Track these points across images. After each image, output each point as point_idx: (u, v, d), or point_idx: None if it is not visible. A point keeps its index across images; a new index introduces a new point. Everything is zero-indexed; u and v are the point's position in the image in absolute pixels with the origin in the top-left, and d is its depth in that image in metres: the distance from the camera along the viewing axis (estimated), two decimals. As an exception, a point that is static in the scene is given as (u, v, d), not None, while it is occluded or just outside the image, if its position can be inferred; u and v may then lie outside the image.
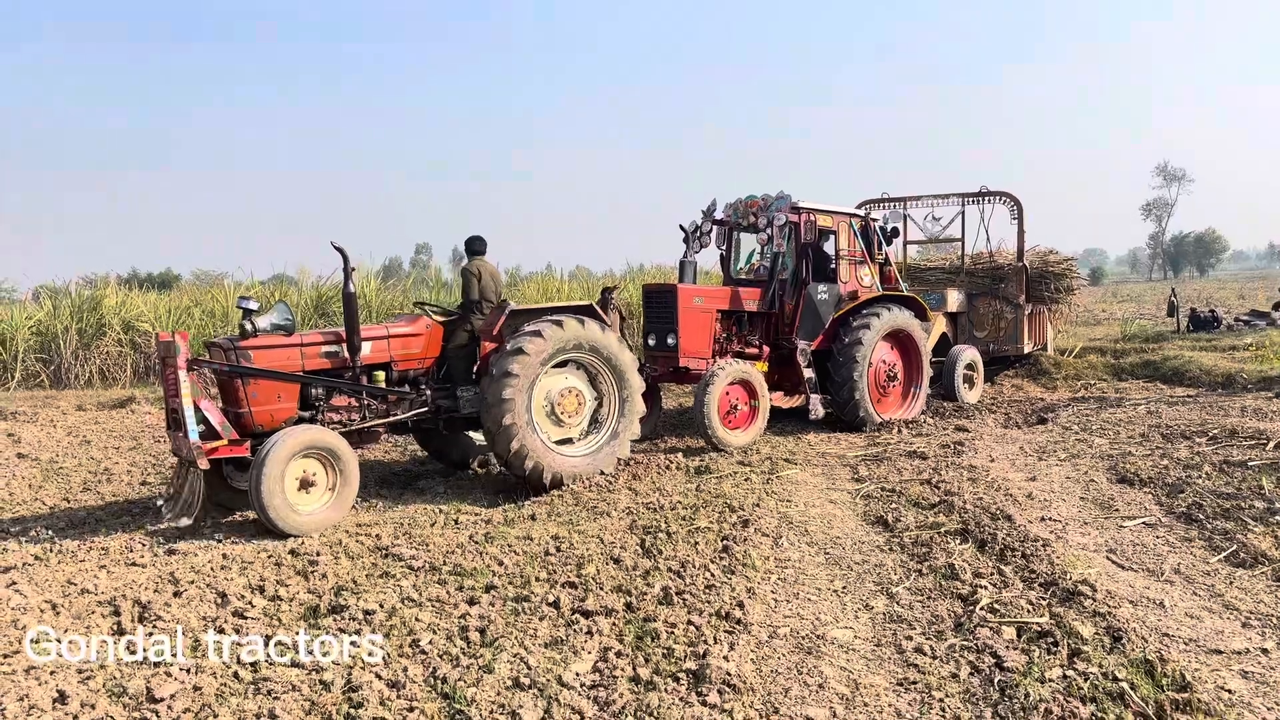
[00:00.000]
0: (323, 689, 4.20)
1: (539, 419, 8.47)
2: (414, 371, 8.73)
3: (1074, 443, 9.61)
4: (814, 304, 11.51)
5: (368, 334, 8.36)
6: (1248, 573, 5.40)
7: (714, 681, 4.07)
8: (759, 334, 11.75)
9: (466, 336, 8.95)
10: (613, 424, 9.01)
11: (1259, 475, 7.42)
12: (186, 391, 7.21)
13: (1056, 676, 4.02)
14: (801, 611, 5.10)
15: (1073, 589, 5.06)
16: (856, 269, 12.02)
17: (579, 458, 8.73)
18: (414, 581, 5.72)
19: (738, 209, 12.08)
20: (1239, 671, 4.11)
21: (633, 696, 4.01)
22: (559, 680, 4.17)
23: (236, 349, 7.67)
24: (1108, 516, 6.79)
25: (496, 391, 8.10)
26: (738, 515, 6.98)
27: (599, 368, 8.88)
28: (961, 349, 13.66)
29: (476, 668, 4.36)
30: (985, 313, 15.34)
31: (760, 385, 10.55)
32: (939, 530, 6.45)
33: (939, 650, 4.46)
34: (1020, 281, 15.04)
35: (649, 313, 11.54)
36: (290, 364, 7.91)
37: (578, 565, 5.93)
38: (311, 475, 7.37)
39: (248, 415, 7.65)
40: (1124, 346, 17.95)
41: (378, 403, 8.40)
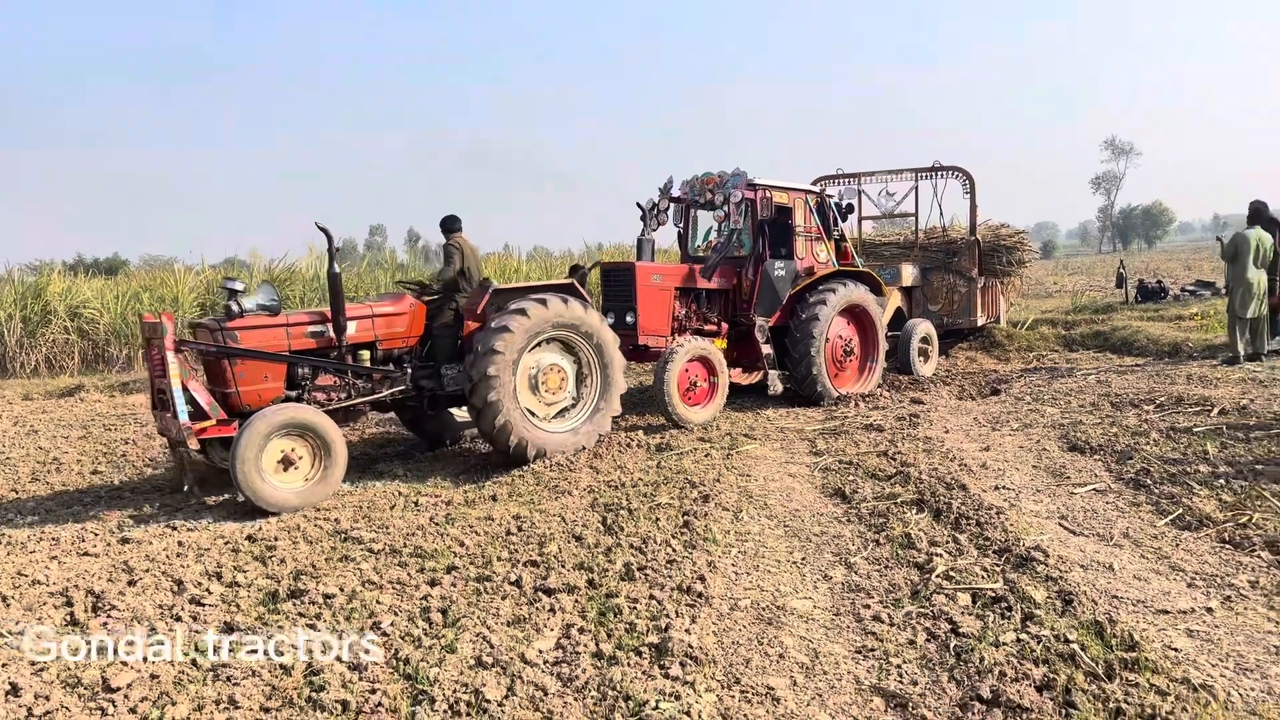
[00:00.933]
0: (283, 673, 4.18)
1: (523, 395, 8.57)
2: (398, 350, 8.78)
3: (1026, 412, 9.78)
4: (771, 280, 11.56)
5: (353, 313, 8.39)
6: (1192, 535, 5.54)
7: (676, 654, 4.10)
8: (717, 311, 11.78)
9: (451, 315, 8.98)
10: (595, 400, 9.09)
11: (1203, 440, 7.61)
12: (175, 372, 7.22)
13: (1010, 640, 4.10)
14: (762, 583, 5.15)
15: (1025, 555, 5.17)
16: (813, 245, 12.07)
17: (562, 433, 8.82)
18: (374, 564, 5.70)
19: (694, 186, 12.07)
20: (1185, 630, 4.22)
21: (595, 671, 4.04)
22: (522, 658, 4.18)
23: (223, 329, 7.67)
24: (1059, 484, 6.92)
25: (481, 368, 8.17)
26: (698, 491, 7.02)
27: (581, 345, 8.97)
28: (916, 323, 13.79)
29: (439, 648, 4.36)
30: (939, 286, 15.51)
31: (719, 362, 10.59)
32: (895, 501, 6.54)
33: (896, 618, 4.53)
34: (973, 255, 15.20)
35: (607, 291, 11.52)
36: (276, 344, 7.92)
37: (539, 544, 5.94)
38: (294, 453, 7.38)
39: (235, 395, 7.67)
40: (1074, 318, 18.27)
41: (363, 381, 8.47)
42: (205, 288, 22.41)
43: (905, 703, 3.68)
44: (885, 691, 3.79)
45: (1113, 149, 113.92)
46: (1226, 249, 11.90)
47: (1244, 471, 6.64)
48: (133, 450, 10.55)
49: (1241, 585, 4.71)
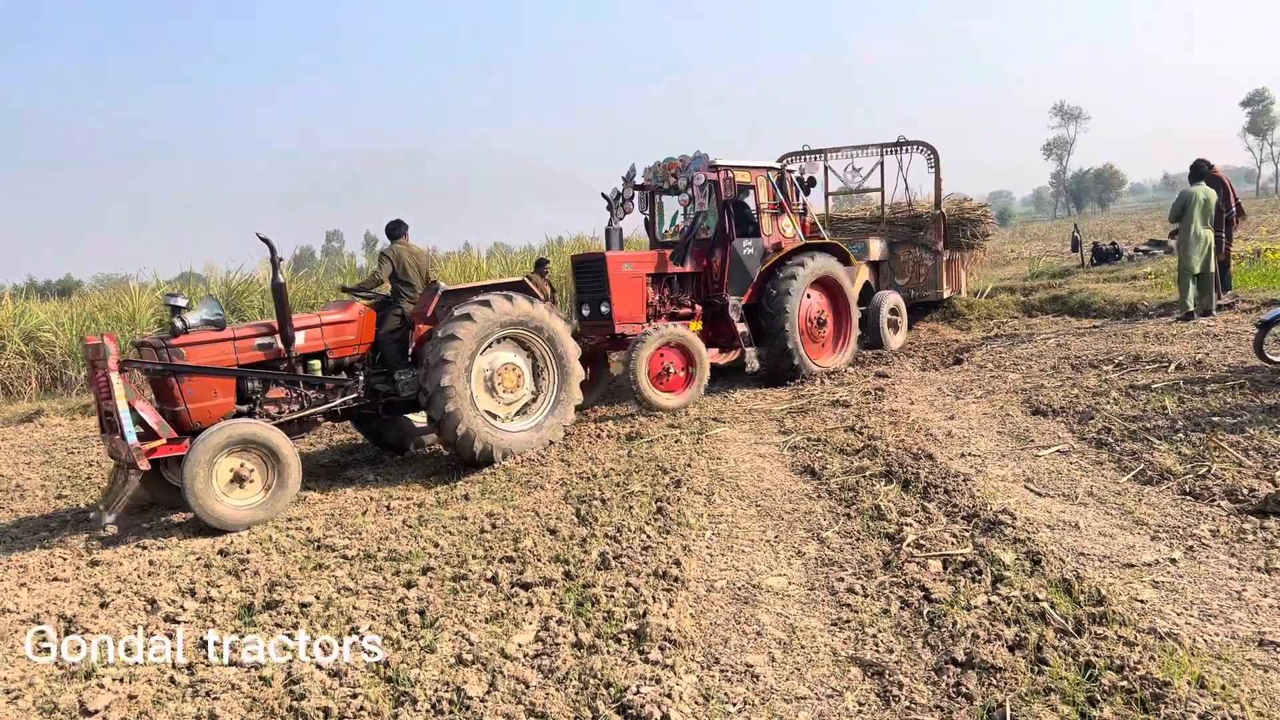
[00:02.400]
0: (263, 685, 4.16)
1: (481, 399, 8.53)
2: (349, 358, 8.72)
3: (989, 380, 9.90)
4: (740, 259, 11.63)
5: (300, 323, 8.31)
6: (1154, 489, 5.66)
7: (655, 639, 4.14)
8: (690, 294, 11.83)
9: (398, 320, 8.94)
10: (554, 394, 9.09)
11: (1162, 397, 7.75)
12: (120, 394, 7.10)
13: (982, 603, 4.18)
14: (736, 564, 5.20)
15: (993, 519, 5.25)
16: (778, 221, 12.15)
17: (525, 431, 8.80)
18: (349, 570, 5.68)
19: (657, 172, 12.10)
20: (1150, 582, 4.31)
21: (576, 661, 4.06)
22: (502, 653, 4.20)
23: (168, 347, 7.56)
24: (1024, 448, 7.03)
25: (435, 379, 8.13)
26: (670, 476, 7.06)
27: (533, 340, 8.95)
28: (884, 294, 13.89)
29: (419, 649, 4.36)
30: (905, 260, 15.65)
31: (695, 347, 10.59)
32: (864, 474, 6.61)
33: (870, 588, 4.59)
34: (938, 229, 15.36)
35: (580, 283, 11.51)
36: (224, 359, 7.84)
37: (514, 540, 5.95)
38: (246, 470, 7.29)
39: (184, 413, 7.57)
40: (1032, 284, 18.50)
41: (315, 392, 8.39)
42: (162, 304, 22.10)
43: (882, 670, 3.73)
44: (862, 661, 3.85)
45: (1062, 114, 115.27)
46: (1174, 207, 12.10)
47: (1202, 424, 6.78)
48: (97, 473, 10.41)
49: (1203, 535, 4.82)
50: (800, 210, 12.61)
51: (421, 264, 9.25)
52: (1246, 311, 11.76)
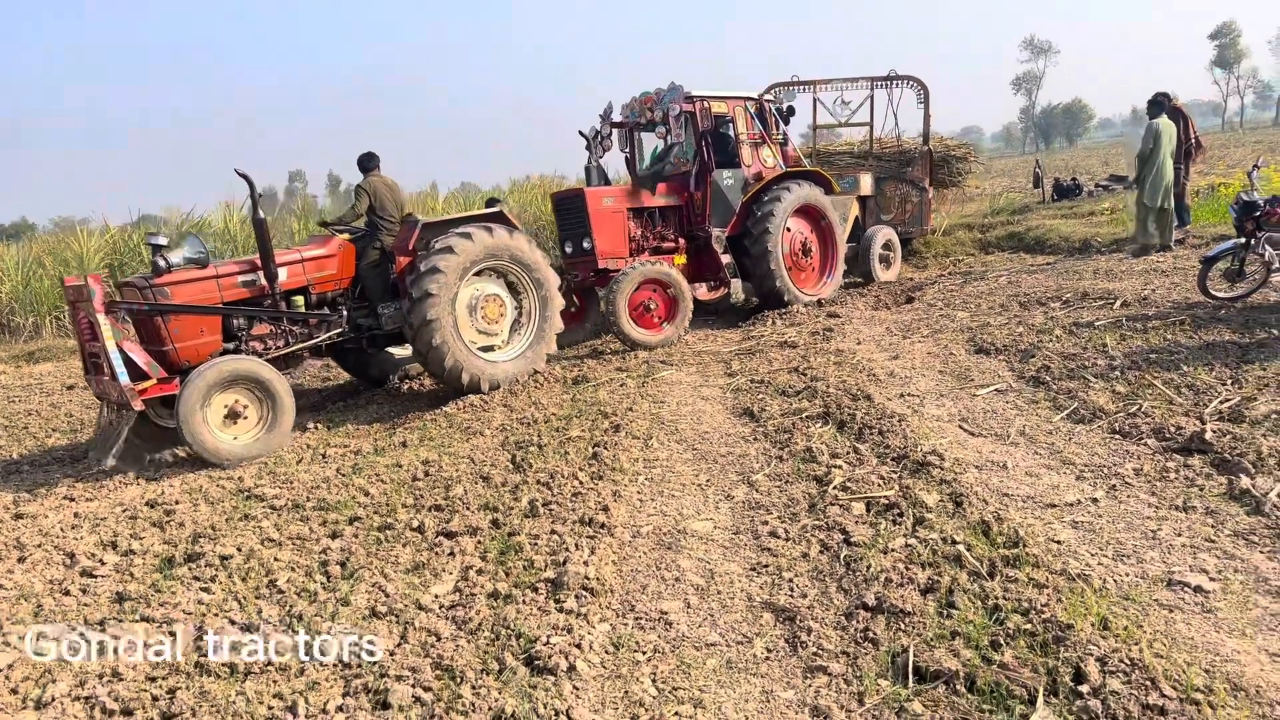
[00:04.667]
0: (170, 640, 4.07)
1: (465, 330, 8.58)
2: (332, 293, 8.76)
3: (937, 318, 9.88)
4: (721, 190, 11.52)
5: (282, 259, 8.31)
6: (1086, 428, 5.65)
7: (572, 587, 4.09)
8: (674, 228, 11.70)
9: (378, 254, 8.93)
10: (536, 323, 9.18)
11: (1103, 334, 7.75)
12: (108, 335, 7.06)
13: (899, 546, 4.15)
14: (665, 509, 5.15)
15: (922, 460, 5.23)
16: (758, 151, 12.02)
17: (510, 361, 8.91)
18: (275, 521, 5.59)
19: (634, 108, 11.95)
20: (1070, 523, 4.31)
21: (490, 612, 4.00)
22: (417, 604, 4.14)
23: (152, 287, 7.54)
24: (963, 387, 7.01)
25: (420, 313, 8.20)
26: (610, 421, 6.99)
27: (514, 271, 9.01)
28: (878, 229, 13.82)
29: (334, 602, 4.29)
30: (891, 196, 15.53)
31: (676, 282, 10.48)
32: (801, 416, 6.57)
33: (792, 532, 4.56)
34: (926, 165, 15.23)
35: (561, 220, 11.42)
36: (209, 297, 7.85)
37: (446, 487, 5.87)
38: (239, 405, 7.35)
39: (172, 352, 7.60)
40: (991, 220, 18.44)
41: (299, 327, 8.42)
42: (111, 248, 21.59)
43: (794, 615, 3.70)
44: (775, 606, 3.82)
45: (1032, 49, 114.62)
46: (1144, 141, 11.91)
47: (1139, 362, 6.78)
48: (35, 422, 10.21)
49: (1127, 474, 4.82)
50: (781, 140, 12.46)
51: (398, 196, 9.20)
52: (1196, 247, 11.77)
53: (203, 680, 3.68)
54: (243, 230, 21.30)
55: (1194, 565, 3.73)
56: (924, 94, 14.94)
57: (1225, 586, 3.55)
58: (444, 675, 3.49)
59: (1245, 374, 6.13)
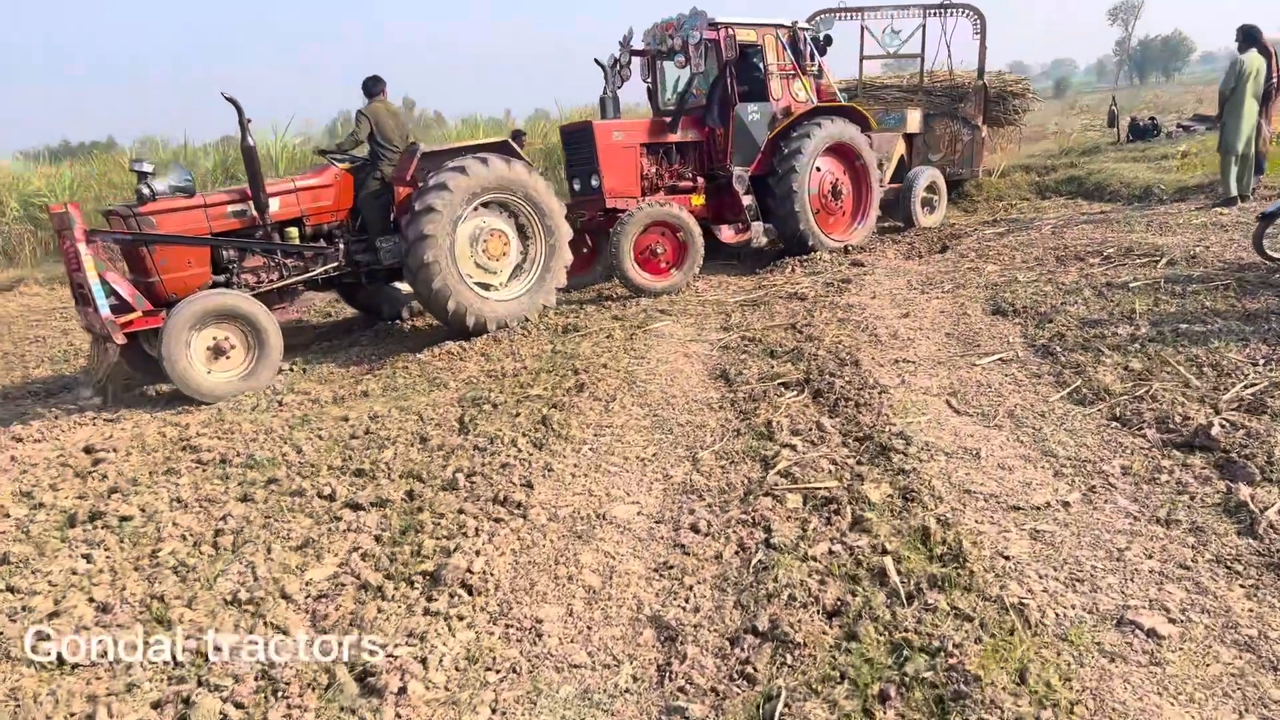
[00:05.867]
0: (24, 614, 3.75)
1: (463, 260, 8.18)
2: (328, 225, 8.43)
3: (965, 271, 9.11)
4: (745, 126, 10.78)
5: (274, 189, 8.01)
6: (1083, 410, 4.99)
7: (449, 584, 3.65)
8: (692, 165, 11.01)
9: (378, 184, 8.55)
10: (539, 272, 8.73)
11: (1135, 297, 6.97)
12: (90, 265, 6.87)
13: (821, 553, 3.62)
14: (594, 487, 4.67)
15: (886, 444, 4.66)
16: (789, 84, 11.17)
17: (505, 303, 8.48)
18: (194, 478, 5.27)
19: (655, 35, 11.18)
20: (1029, 532, 3.71)
21: (354, 606, 3.60)
22: (282, 592, 3.75)
23: (136, 216, 7.29)
24: (965, 354, 6.35)
25: (418, 228, 7.82)
26: (576, 379, 6.50)
27: (524, 208, 8.57)
28: (921, 170, 12.85)
29: (204, 580, 3.93)
30: (941, 134, 14.47)
31: (686, 223, 9.86)
32: (778, 381, 6.00)
33: (715, 526, 4.05)
34: (979, 102, 14.15)
35: (569, 156, 10.78)
36: (196, 227, 7.57)
37: (380, 448, 5.48)
38: (226, 341, 7.15)
39: (159, 284, 7.37)
40: (1055, 162, 17.26)
41: (293, 260, 8.12)
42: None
43: (676, 635, 3.22)
44: (661, 621, 3.33)
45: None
46: (1226, 78, 10.81)
47: (1165, 333, 6.04)
48: (34, 350, 10.13)
49: (1113, 472, 4.18)
50: (815, 72, 11.60)
51: (401, 124, 8.75)
52: (1265, 199, 10.71)
53: (22, 671, 3.34)
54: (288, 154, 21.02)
55: (1155, 600, 3.13)
56: (980, 24, 13.82)
57: (1185, 632, 2.95)
58: (265, 688, 3.09)
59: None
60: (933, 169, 13.08)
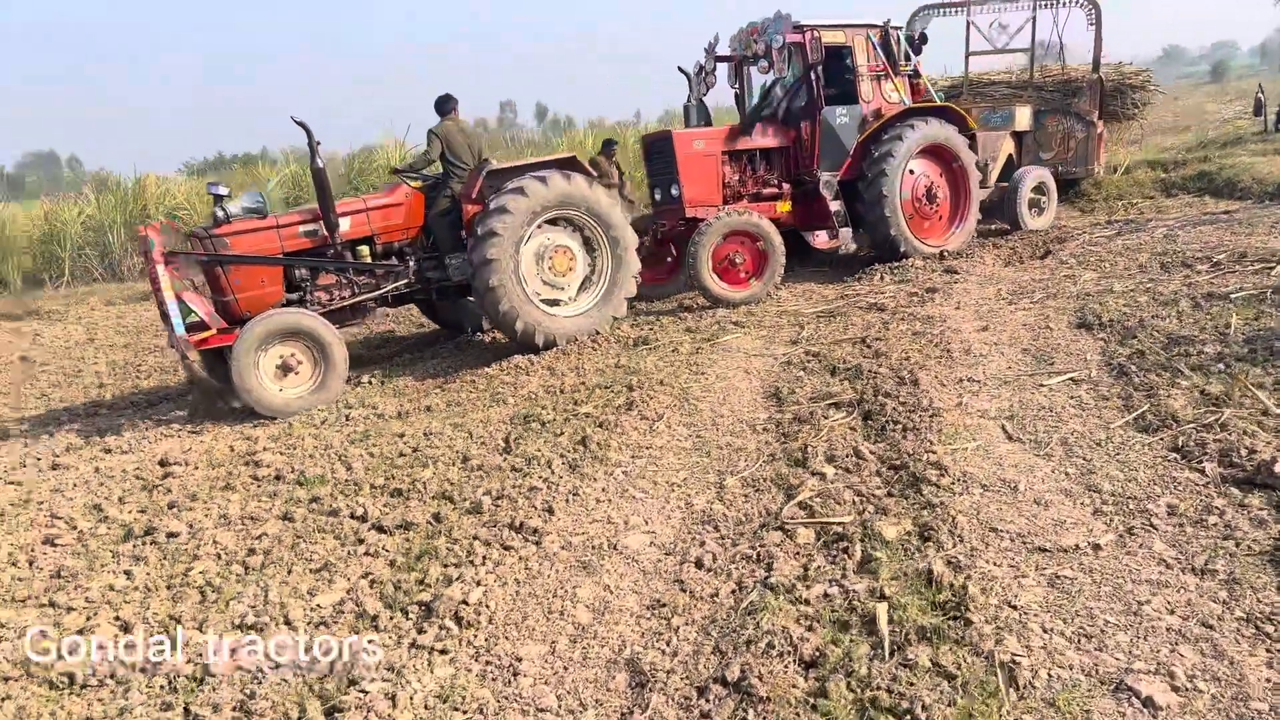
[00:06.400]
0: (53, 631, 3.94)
1: (529, 279, 8.29)
2: (399, 243, 8.65)
3: (1060, 280, 8.62)
4: (833, 129, 10.55)
5: (345, 209, 8.27)
6: (1144, 439, 4.62)
7: (441, 615, 3.65)
8: (778, 172, 10.85)
9: (448, 202, 8.75)
10: (606, 282, 8.75)
11: (1233, 311, 6.44)
12: (166, 285, 7.24)
13: (816, 595, 3.45)
14: (614, 514, 4.60)
15: (920, 474, 4.43)
16: (880, 85, 10.84)
17: (573, 318, 8.55)
18: (245, 495, 5.46)
19: (741, 40, 11.08)
20: (1048, 578, 3.45)
21: (348, 635, 3.64)
22: (285, 618, 3.82)
23: (212, 237, 7.66)
24: (1036, 372, 5.99)
25: (481, 252, 7.96)
26: (628, 396, 6.43)
27: (589, 224, 8.60)
28: (1028, 169, 12.29)
29: (221, 603, 4.06)
30: (1053, 131, 13.75)
31: (766, 232, 9.70)
32: (830, 401, 5.80)
33: (720, 560, 3.93)
34: (1095, 96, 13.40)
35: (650, 165, 10.82)
36: (269, 247, 7.89)
37: (422, 466, 5.55)
38: (293, 359, 7.40)
39: (234, 302, 7.72)
40: (1186, 156, 16.19)
41: (365, 278, 8.37)
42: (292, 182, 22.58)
43: (646, 682, 3.13)
44: (636, 666, 3.24)
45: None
46: None
47: (1258, 351, 5.54)
48: (150, 360, 10.72)
49: (1157, 512, 3.85)
50: (909, 72, 11.23)
51: (473, 142, 8.93)
52: None
53: (34, 689, 3.51)
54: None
55: (1164, 663, 2.86)
56: (1095, 13, 13.06)
57: (1187, 703, 2.68)
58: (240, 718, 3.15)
59: (1385, 376, 4.87)
60: (1041, 168, 12.44)
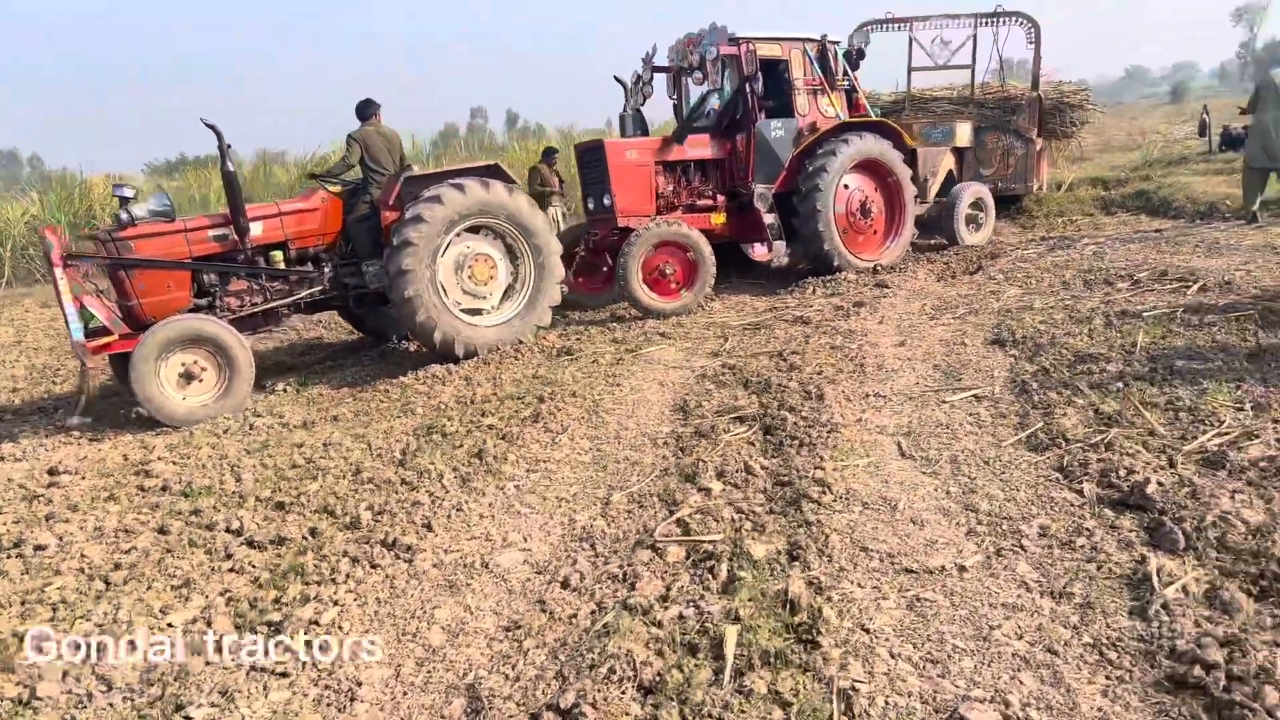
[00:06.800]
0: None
1: (448, 288, 8.17)
2: (314, 249, 8.46)
3: (985, 295, 8.64)
4: (768, 142, 10.51)
5: (257, 213, 8.08)
6: (1032, 458, 4.58)
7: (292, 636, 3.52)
8: (714, 183, 10.79)
9: (368, 208, 8.58)
10: (529, 292, 8.60)
11: (1141, 329, 6.46)
12: (64, 289, 7.02)
13: (671, 617, 3.35)
14: (494, 530, 4.49)
15: (803, 491, 4.36)
16: (816, 100, 10.83)
17: (495, 327, 8.42)
18: (125, 506, 5.28)
19: (679, 51, 11.04)
20: (910, 599, 3.39)
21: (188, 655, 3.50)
22: (130, 641, 3.67)
23: (114, 240, 7.44)
24: (942, 388, 5.95)
25: (397, 262, 7.83)
26: (535, 409, 6.33)
27: (511, 232, 8.47)
28: (965, 186, 12.34)
29: (69, 621, 3.89)
30: (993, 148, 13.83)
31: (696, 243, 9.63)
32: (732, 415, 5.73)
33: (588, 580, 3.82)
34: (1034, 114, 13.49)
35: (584, 174, 10.73)
36: (175, 251, 7.66)
37: (312, 479, 5.41)
38: (196, 366, 7.18)
39: (137, 307, 7.48)
40: (1128, 175, 16.37)
41: (278, 284, 8.17)
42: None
43: (481, 709, 3.02)
44: (474, 691, 3.12)
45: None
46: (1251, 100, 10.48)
47: (1159, 370, 5.54)
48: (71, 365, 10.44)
49: (1029, 533, 3.80)
50: (846, 87, 11.23)
51: (394, 147, 8.75)
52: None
53: None
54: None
55: (1001, 691, 2.79)
56: (1034, 32, 13.17)
57: (1015, 734, 2.61)
58: (55, 745, 3.01)
59: (1276, 397, 4.87)
60: (978, 185, 12.51)
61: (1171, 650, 2.86)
